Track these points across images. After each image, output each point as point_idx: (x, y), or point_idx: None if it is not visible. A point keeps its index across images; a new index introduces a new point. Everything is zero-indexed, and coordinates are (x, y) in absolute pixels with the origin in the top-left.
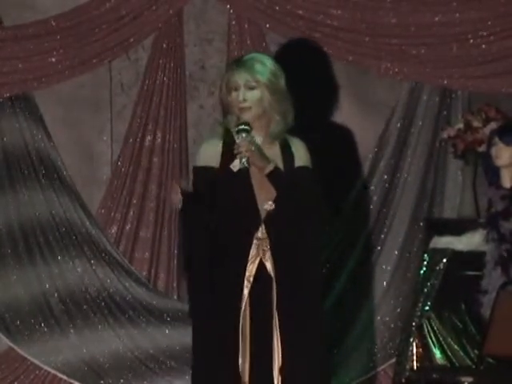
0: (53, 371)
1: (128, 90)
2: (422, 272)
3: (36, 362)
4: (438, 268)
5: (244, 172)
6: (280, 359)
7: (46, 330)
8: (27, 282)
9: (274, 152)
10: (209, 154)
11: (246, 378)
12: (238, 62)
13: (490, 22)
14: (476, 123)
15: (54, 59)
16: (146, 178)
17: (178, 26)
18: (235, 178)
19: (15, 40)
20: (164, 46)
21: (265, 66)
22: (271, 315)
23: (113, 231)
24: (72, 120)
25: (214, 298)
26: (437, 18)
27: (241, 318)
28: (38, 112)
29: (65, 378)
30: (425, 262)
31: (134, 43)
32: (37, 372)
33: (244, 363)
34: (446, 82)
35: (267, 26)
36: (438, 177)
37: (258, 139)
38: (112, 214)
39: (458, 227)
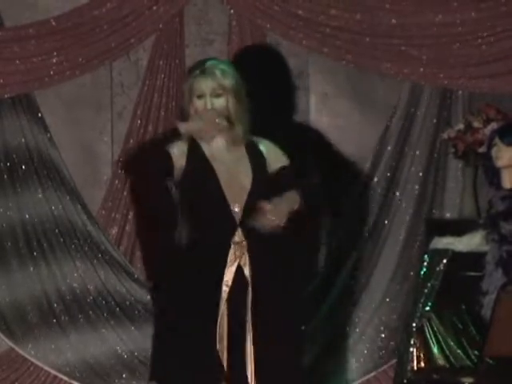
0: (54, 372)
1: (128, 91)
2: (422, 273)
3: (37, 362)
4: (438, 269)
5: (210, 173)
6: (253, 365)
7: (47, 330)
8: (28, 283)
9: (239, 154)
10: (175, 154)
11: None
12: (201, 69)
13: (490, 23)
14: (476, 124)
15: (54, 60)
16: None
17: (179, 27)
18: (202, 182)
19: (16, 40)
20: (165, 46)
21: (229, 74)
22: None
23: (113, 232)
24: (73, 121)
25: (191, 303)
26: (437, 19)
27: (218, 323)
28: (39, 113)
29: (66, 378)
30: (425, 263)
31: (134, 44)
32: (38, 372)
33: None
34: (446, 82)
35: (268, 26)
36: (439, 177)
37: (221, 143)
38: (113, 214)
39: (458, 228)
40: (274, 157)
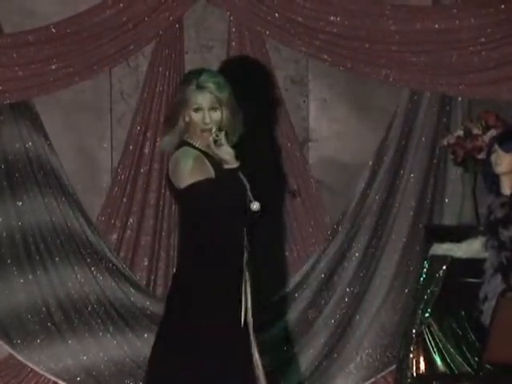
0: (53, 378)
1: (128, 98)
2: (421, 279)
3: (36, 368)
4: (437, 275)
5: None
6: None
7: (46, 336)
8: (28, 289)
9: None
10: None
11: None
12: (197, 82)
13: (489, 29)
14: (476, 130)
15: (54, 66)
16: (146, 185)
17: (179, 33)
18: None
19: (15, 47)
20: (164, 53)
21: (225, 86)
22: None
23: (113, 238)
24: (72, 127)
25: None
26: (436, 25)
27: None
28: (39, 119)
29: None
30: (424, 269)
31: (134, 50)
32: (37, 379)
33: None
34: (445, 88)
35: (267, 32)
36: (438, 184)
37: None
38: (112, 221)
39: (457, 234)
40: None
